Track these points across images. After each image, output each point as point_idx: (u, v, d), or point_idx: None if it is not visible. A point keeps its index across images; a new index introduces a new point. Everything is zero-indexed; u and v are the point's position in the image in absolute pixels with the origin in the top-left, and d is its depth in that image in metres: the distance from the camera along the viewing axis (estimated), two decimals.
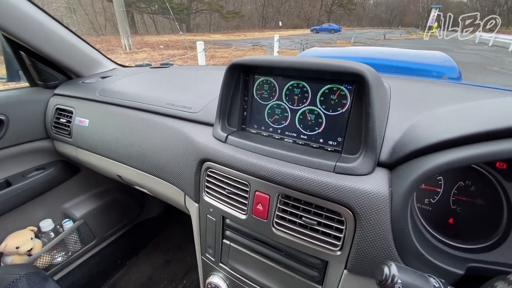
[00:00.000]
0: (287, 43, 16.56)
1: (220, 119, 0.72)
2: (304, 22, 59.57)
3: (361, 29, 50.33)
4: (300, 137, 0.66)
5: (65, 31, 1.16)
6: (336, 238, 0.55)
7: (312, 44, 15.60)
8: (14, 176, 1.20)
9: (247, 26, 50.06)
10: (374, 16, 75.12)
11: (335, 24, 37.80)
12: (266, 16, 54.32)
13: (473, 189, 0.55)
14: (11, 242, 1.20)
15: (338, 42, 17.57)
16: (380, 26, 67.29)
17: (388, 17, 73.75)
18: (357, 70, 0.50)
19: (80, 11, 24.37)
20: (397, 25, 69.77)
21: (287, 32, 34.18)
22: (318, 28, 35.56)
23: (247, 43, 17.84)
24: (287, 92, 0.65)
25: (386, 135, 0.56)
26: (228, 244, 0.74)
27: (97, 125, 1.05)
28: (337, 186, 0.52)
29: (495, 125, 0.40)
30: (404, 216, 0.47)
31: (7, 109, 1.11)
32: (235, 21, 46.84)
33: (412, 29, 41.19)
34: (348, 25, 67.54)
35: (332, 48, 2.17)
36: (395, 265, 0.34)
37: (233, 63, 0.66)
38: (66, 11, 20.16)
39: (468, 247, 0.51)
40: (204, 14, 41.65)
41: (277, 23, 52.06)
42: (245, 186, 0.64)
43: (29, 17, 1.02)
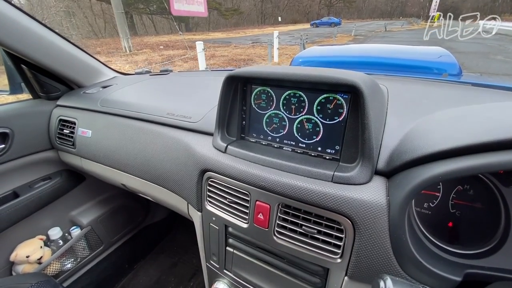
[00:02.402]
0: (287, 38, 16.45)
1: (220, 129, 0.73)
2: (303, 17, 59.06)
3: (362, 22, 49.79)
4: (298, 145, 0.66)
5: (64, 42, 1.18)
6: (336, 246, 0.56)
7: (312, 39, 15.49)
8: (22, 187, 1.22)
9: (246, 23, 49.81)
10: (375, 7, 74.18)
11: (335, 18, 37.44)
12: (265, 12, 53.95)
13: (472, 193, 0.56)
14: (22, 251, 1.23)
15: (338, 36, 17.40)
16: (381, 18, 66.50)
17: (388, 9, 72.76)
18: (351, 82, 0.51)
19: (79, 14, 24.43)
20: (398, 16, 68.85)
21: (286, 28, 33.95)
22: (318, 22, 35.25)
23: (247, 40, 17.77)
24: (284, 102, 0.66)
25: (384, 143, 0.57)
26: (231, 251, 0.76)
27: (100, 135, 1.07)
28: (335, 196, 0.53)
29: (490, 137, 0.41)
30: (402, 225, 0.47)
31: (11, 122, 1.13)
32: (234, 19, 46.62)
33: (414, 20, 40.62)
34: (349, 18, 66.81)
35: (331, 47, 2.16)
36: (390, 279, 0.35)
37: (230, 74, 0.66)
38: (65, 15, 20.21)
39: (466, 252, 0.51)
40: None
41: (277, 19, 51.69)
42: (245, 195, 0.65)
43: (27, 30, 1.03)
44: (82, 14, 25.08)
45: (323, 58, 1.66)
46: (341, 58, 1.57)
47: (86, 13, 25.71)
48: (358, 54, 1.57)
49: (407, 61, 1.38)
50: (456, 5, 50.27)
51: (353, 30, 19.93)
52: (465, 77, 1.34)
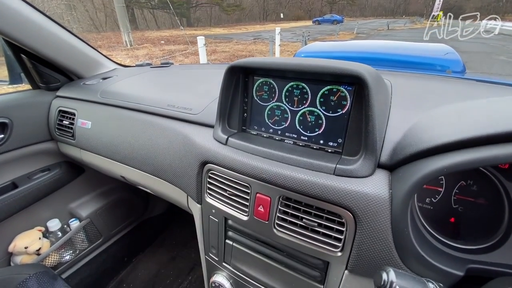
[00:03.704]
0: (289, 35, 16.37)
1: (221, 121, 0.72)
2: (306, 14, 58.68)
3: (364, 19, 49.50)
4: (300, 138, 0.66)
5: (64, 32, 1.16)
6: (337, 239, 0.55)
7: (314, 36, 15.40)
8: (20, 178, 1.22)
9: (248, 19, 49.50)
10: (378, 5, 73.66)
11: (338, 15, 37.18)
12: (267, 8, 53.59)
13: (475, 188, 0.55)
14: (20, 243, 1.23)
15: (340, 34, 17.30)
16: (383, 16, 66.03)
17: (391, 6, 72.28)
18: (356, 72, 0.50)
19: (80, 8, 24.26)
20: (401, 14, 68.39)
21: (289, 24, 33.73)
22: (320, 19, 35.02)
23: (249, 36, 17.67)
24: (287, 93, 0.65)
25: (387, 136, 0.56)
26: (230, 244, 0.75)
27: (100, 127, 1.06)
28: (338, 188, 0.52)
29: (495, 129, 0.40)
30: (404, 219, 0.47)
31: (10, 113, 1.12)
32: (236, 14, 46.33)
33: (417, 18, 40.32)
34: (351, 15, 66.35)
35: (333, 43, 2.15)
36: (393, 271, 0.35)
37: (232, 65, 0.65)
38: (66, 8, 20.09)
39: (468, 247, 0.51)
40: (204, 8, 41.24)
41: (279, 15, 51.34)
42: (246, 188, 0.65)
43: (28, 19, 1.02)
44: (83, 7, 24.91)
45: (325, 53, 1.64)
46: (344, 53, 1.56)
47: (87, 7, 25.54)
48: (361, 49, 1.56)
49: (411, 57, 1.37)
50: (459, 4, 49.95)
51: (355, 28, 19.84)
52: (469, 75, 1.33)
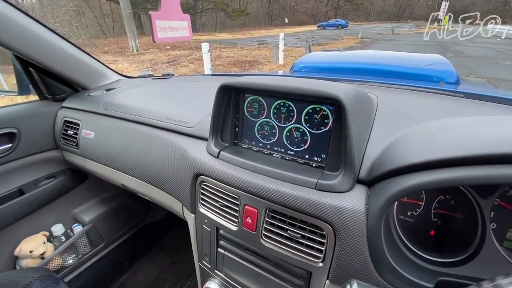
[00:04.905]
0: (293, 40, 16.46)
1: (213, 135, 0.76)
2: (310, 19, 58.95)
3: (369, 24, 49.50)
4: (287, 152, 0.69)
5: (70, 46, 1.23)
6: (319, 251, 0.58)
7: (319, 41, 15.47)
8: (27, 184, 1.28)
9: (253, 24, 49.94)
10: (382, 10, 73.64)
11: (342, 20, 37.34)
12: (272, 13, 54.03)
13: (453, 203, 0.58)
14: (25, 247, 1.28)
15: (345, 38, 17.34)
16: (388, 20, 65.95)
17: (396, 11, 72.16)
18: (334, 95, 0.53)
19: (88, 14, 24.82)
20: (406, 18, 68.22)
21: (293, 29, 33.93)
22: (325, 24, 35.21)
23: (253, 41, 17.82)
24: (275, 111, 0.69)
25: (367, 153, 0.59)
26: (222, 252, 0.79)
27: (102, 137, 1.11)
28: (318, 202, 0.55)
29: (462, 153, 0.43)
30: (378, 232, 0.50)
31: (19, 122, 1.18)
32: (241, 20, 46.77)
33: (422, 23, 40.19)
34: (356, 20, 66.44)
35: (331, 53, 2.19)
36: (356, 283, 0.38)
37: (223, 84, 0.70)
38: (75, 15, 20.57)
39: (441, 260, 0.54)
40: (209, 13, 41.73)
41: (283, 20, 51.70)
42: (235, 200, 0.68)
43: (36, 35, 1.08)
44: (92, 13, 25.47)
45: (322, 64, 1.68)
46: (340, 64, 1.59)
47: (96, 13, 26.11)
48: (357, 60, 1.59)
49: (404, 68, 1.40)
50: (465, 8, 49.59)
51: (360, 33, 19.85)
52: (463, 86, 1.35)
